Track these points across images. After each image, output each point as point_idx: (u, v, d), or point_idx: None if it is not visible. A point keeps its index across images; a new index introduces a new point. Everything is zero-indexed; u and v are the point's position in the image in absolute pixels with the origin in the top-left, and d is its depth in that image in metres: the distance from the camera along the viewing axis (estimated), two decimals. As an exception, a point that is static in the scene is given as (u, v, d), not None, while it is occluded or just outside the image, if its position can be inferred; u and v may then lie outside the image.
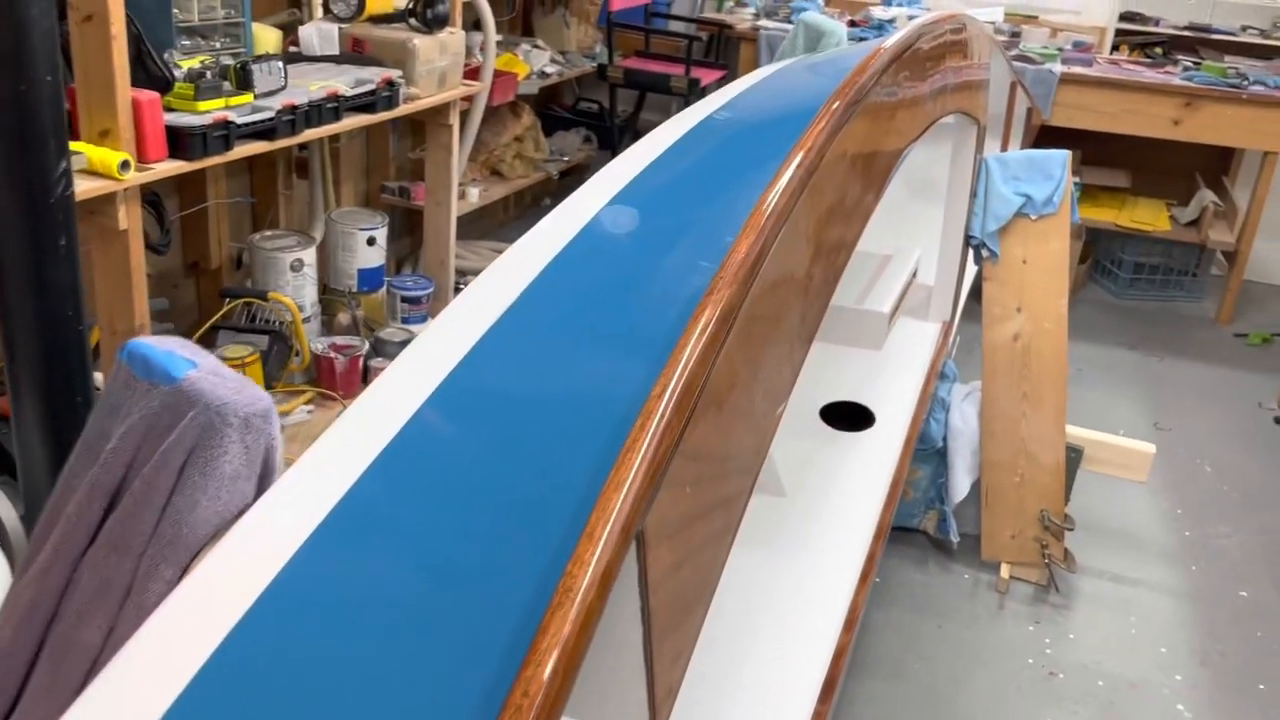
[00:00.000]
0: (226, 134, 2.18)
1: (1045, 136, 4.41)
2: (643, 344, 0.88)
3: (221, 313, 2.73)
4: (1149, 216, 4.68)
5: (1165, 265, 4.72)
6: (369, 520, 0.77)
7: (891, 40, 1.36)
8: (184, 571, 0.90)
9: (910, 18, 4.65)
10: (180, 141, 2.10)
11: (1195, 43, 4.72)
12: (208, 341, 2.80)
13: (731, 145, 1.25)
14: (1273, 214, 4.46)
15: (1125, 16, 4.71)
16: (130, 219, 2.10)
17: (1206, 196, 4.59)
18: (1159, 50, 4.71)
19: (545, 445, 0.83)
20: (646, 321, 0.93)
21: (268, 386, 2.72)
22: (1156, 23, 4.70)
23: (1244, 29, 4.64)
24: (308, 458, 0.86)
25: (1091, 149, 4.57)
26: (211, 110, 2.16)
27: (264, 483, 0.96)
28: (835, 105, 1.04)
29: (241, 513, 0.91)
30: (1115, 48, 4.75)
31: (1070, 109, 4.34)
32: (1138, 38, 4.75)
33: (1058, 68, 4.32)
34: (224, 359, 2.56)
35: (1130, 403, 3.72)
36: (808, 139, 0.96)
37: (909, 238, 2.55)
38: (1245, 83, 4.20)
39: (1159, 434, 3.49)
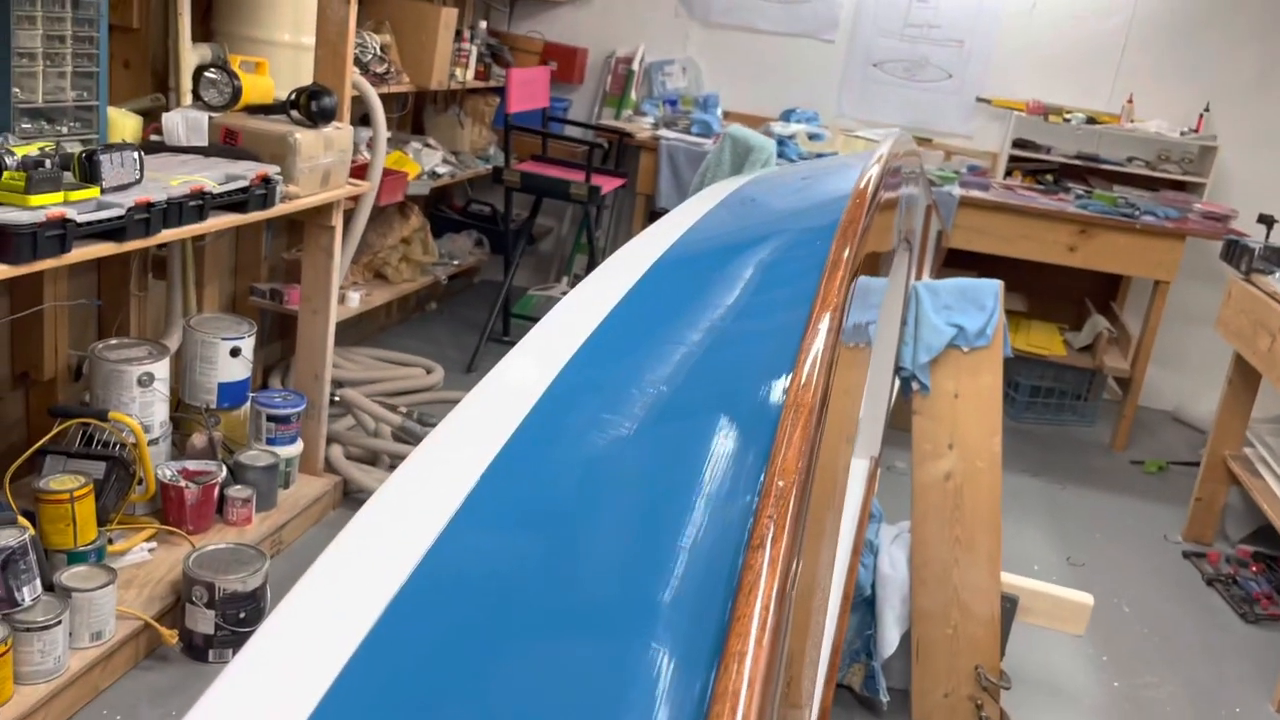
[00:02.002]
0: (63, 233, 1.85)
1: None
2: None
3: (49, 435, 2.33)
4: (1044, 340, 4.68)
5: (1058, 389, 4.72)
6: None
7: (872, 174, 1.16)
8: None
9: (811, 135, 4.61)
10: (3, 241, 1.75)
11: (1085, 171, 4.81)
12: (33, 467, 2.40)
13: (724, 295, 1.02)
14: (1162, 341, 4.51)
15: (1017, 143, 4.79)
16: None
17: (1100, 323, 4.63)
18: (1050, 177, 4.79)
19: None
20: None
21: (103, 521, 2.32)
22: (1048, 150, 4.78)
23: (1130, 160, 4.75)
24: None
25: (986, 272, 4.56)
26: (46, 205, 1.82)
27: None
28: (845, 254, 0.83)
29: None
30: (1008, 173, 4.81)
31: (969, 231, 4.33)
32: (1029, 164, 4.83)
33: (957, 190, 4.31)
34: (48, 491, 2.17)
35: (1040, 535, 3.60)
36: (829, 294, 0.74)
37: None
38: (1137, 212, 4.26)
39: (1074, 570, 3.36)
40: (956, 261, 4.48)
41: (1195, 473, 3.78)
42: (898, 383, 2.52)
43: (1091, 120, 4.68)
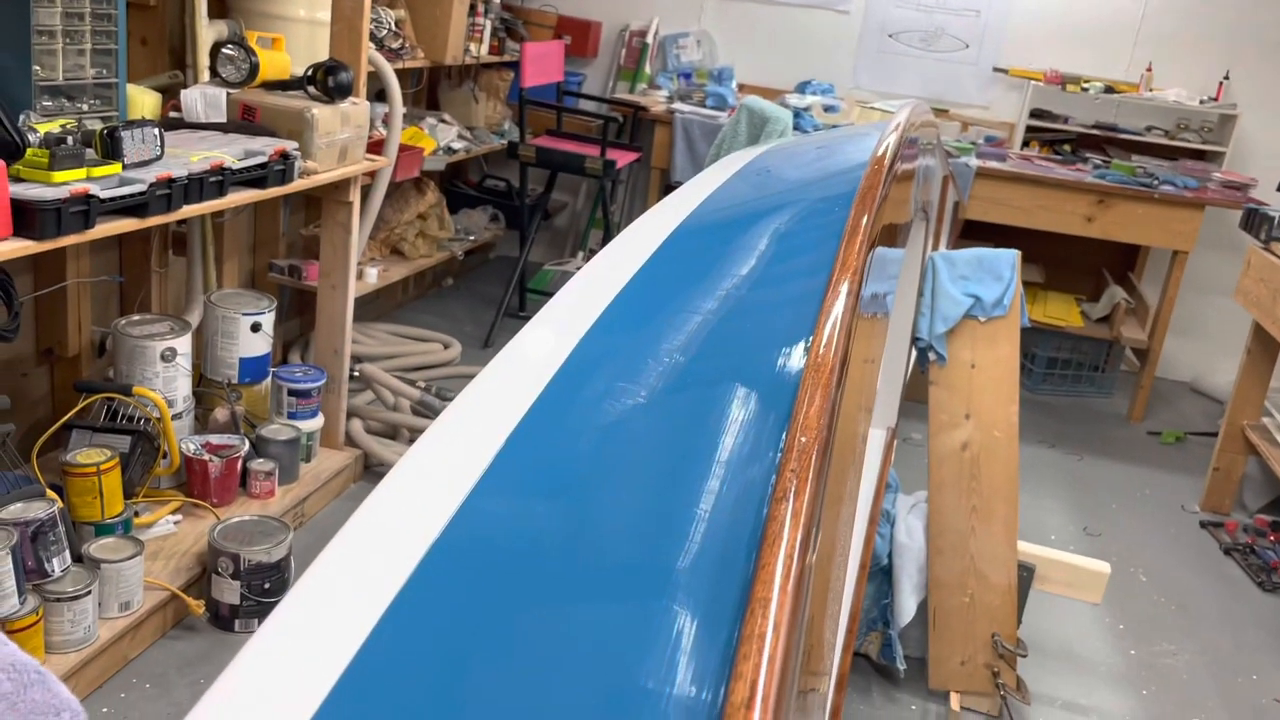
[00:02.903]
0: (86, 209, 1.87)
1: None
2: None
3: (75, 410, 2.36)
4: (1061, 312, 4.67)
5: (1076, 360, 4.70)
6: None
7: (890, 142, 1.17)
8: None
9: (826, 108, 4.58)
10: (28, 217, 1.78)
11: (1102, 141, 4.78)
12: (59, 441, 2.44)
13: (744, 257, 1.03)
14: (1180, 312, 4.49)
15: (1034, 113, 4.75)
16: (-38, 306, 1.76)
17: (1117, 293, 4.61)
18: (1068, 147, 4.75)
19: None
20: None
21: (129, 494, 2.36)
22: (1065, 120, 4.75)
23: (1148, 129, 4.72)
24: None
25: (1002, 243, 4.53)
26: (69, 182, 1.84)
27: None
28: (864, 220, 0.84)
29: None
30: (1025, 143, 4.78)
31: (986, 203, 4.31)
32: (1047, 134, 4.79)
33: (974, 161, 4.29)
34: (75, 464, 2.21)
35: (1057, 505, 3.61)
36: (849, 258, 0.75)
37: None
38: (1155, 182, 4.23)
39: (1090, 540, 3.37)
40: (973, 233, 4.46)
41: (1213, 443, 3.77)
42: (914, 353, 2.53)
43: (1109, 89, 4.64)
